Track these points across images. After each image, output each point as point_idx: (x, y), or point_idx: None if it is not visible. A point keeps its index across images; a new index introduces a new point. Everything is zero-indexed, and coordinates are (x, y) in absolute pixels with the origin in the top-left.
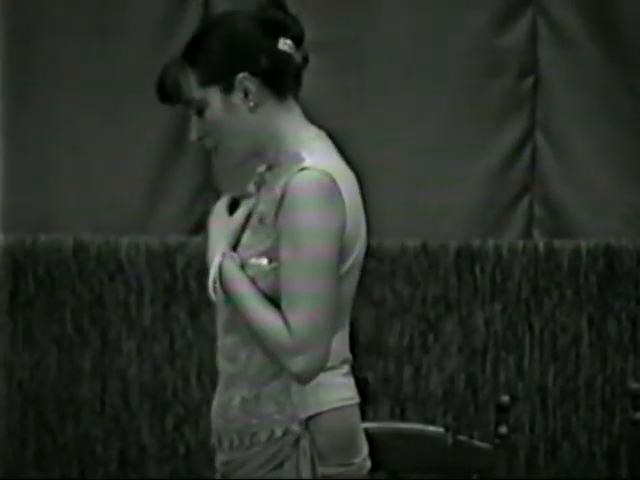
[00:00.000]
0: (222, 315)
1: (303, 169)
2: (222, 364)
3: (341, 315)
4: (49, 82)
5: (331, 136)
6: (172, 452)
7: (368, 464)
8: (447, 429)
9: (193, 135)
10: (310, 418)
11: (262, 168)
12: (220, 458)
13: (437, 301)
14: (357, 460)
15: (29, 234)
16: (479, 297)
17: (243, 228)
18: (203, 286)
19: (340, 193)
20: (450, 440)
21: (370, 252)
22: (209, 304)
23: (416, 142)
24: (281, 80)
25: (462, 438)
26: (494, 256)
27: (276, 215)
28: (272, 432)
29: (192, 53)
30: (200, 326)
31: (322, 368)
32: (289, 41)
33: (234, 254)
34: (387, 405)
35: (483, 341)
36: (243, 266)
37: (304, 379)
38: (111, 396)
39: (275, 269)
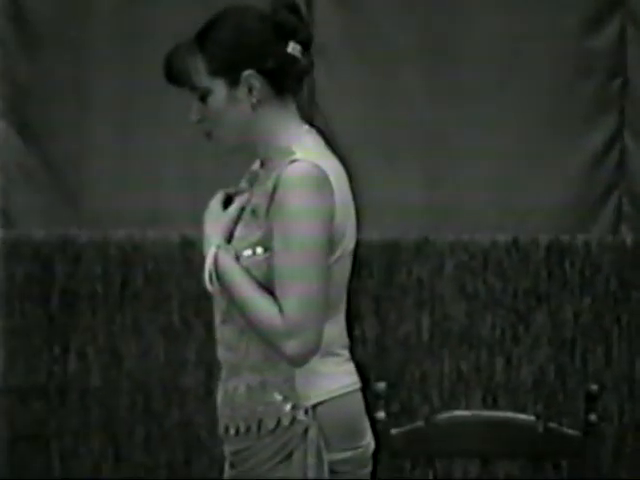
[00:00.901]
0: (219, 306)
1: (293, 161)
2: (223, 354)
3: (334, 301)
4: (160, 84)
5: (322, 133)
6: None
7: (372, 446)
8: (538, 417)
9: (193, 117)
10: (315, 406)
11: (256, 166)
12: (228, 448)
13: (527, 294)
14: (363, 443)
15: (138, 229)
16: (568, 290)
17: (236, 222)
18: None
19: (330, 184)
20: (540, 427)
21: (463, 246)
22: None
23: (510, 141)
24: (285, 81)
25: (552, 426)
26: (583, 251)
27: (268, 207)
28: (279, 421)
29: (204, 41)
30: None
31: (315, 351)
32: (298, 46)
33: (228, 246)
34: (479, 394)
35: (572, 332)
36: (237, 257)
37: (297, 362)
38: (215, 384)
39: (268, 259)
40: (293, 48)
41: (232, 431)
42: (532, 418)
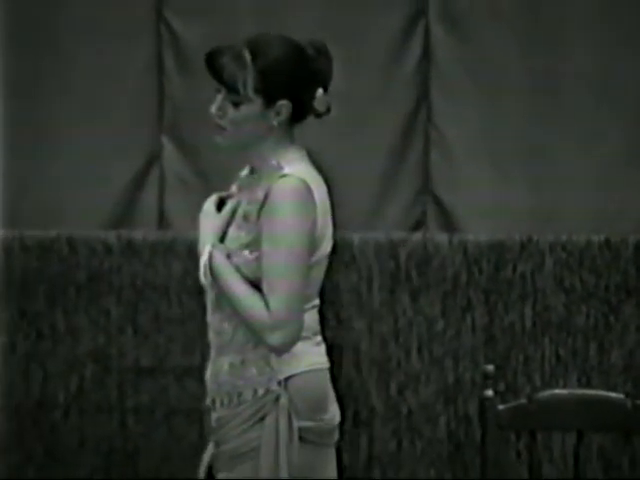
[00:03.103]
0: (210, 296)
1: (283, 176)
2: (212, 337)
3: (311, 296)
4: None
5: (309, 153)
6: (396, 413)
7: (337, 419)
8: (627, 395)
9: (214, 110)
10: (287, 379)
11: (244, 172)
12: (213, 416)
13: (618, 288)
14: (326, 416)
15: None
16: None
17: (228, 224)
18: (423, 274)
19: (313, 196)
20: (629, 405)
21: (561, 246)
22: (428, 289)
23: (602, 154)
24: (302, 117)
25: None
26: None
27: (258, 214)
28: (255, 391)
29: (259, 59)
30: (419, 308)
31: (296, 341)
32: (322, 91)
33: (222, 245)
34: (575, 375)
35: None
36: (229, 256)
37: (280, 351)
38: (346, 366)
39: (257, 259)
40: (320, 94)
41: (218, 403)
42: (622, 396)
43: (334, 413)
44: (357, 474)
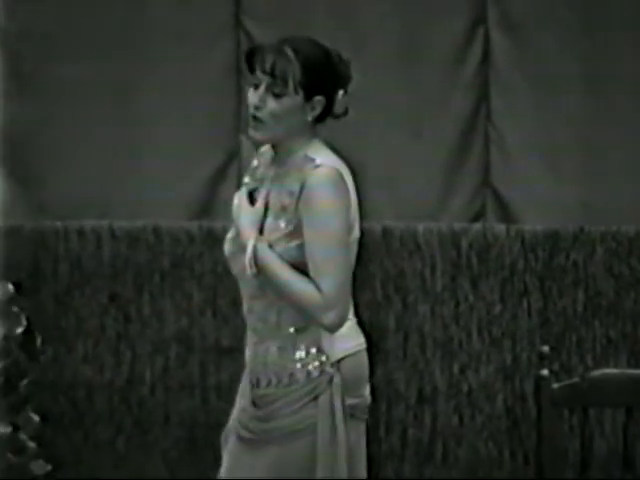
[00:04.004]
0: (249, 285)
1: (317, 167)
2: (254, 324)
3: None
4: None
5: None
6: (457, 390)
7: (370, 399)
8: None
9: (255, 100)
10: (339, 360)
11: (255, 163)
12: (255, 393)
13: None
14: (366, 393)
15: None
16: None
17: (264, 216)
18: (482, 261)
19: (346, 184)
20: None
21: (612, 236)
22: (487, 276)
23: None
24: (329, 114)
25: None
26: None
27: (296, 205)
28: (309, 373)
29: (305, 58)
30: (479, 293)
31: (346, 319)
32: (342, 93)
33: (262, 237)
34: (625, 356)
35: None
36: (270, 246)
37: (334, 329)
38: (411, 347)
39: (297, 247)
40: (341, 94)
41: (264, 383)
42: None
43: (369, 390)
44: (421, 447)
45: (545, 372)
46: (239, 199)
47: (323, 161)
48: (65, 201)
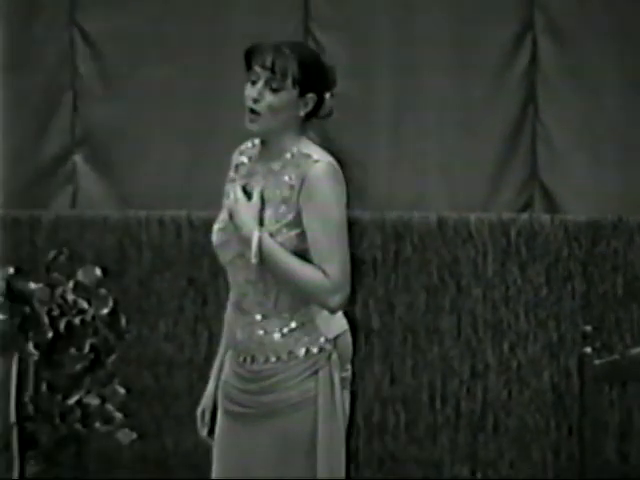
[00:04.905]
0: (246, 273)
1: (316, 162)
2: (250, 307)
3: None
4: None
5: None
6: (507, 367)
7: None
8: None
9: (254, 94)
10: (335, 337)
11: (242, 159)
12: (249, 369)
13: None
14: (350, 367)
15: (405, 211)
16: None
17: (262, 208)
18: (530, 249)
19: (342, 177)
20: None
21: None
22: (534, 262)
23: None
24: (318, 112)
25: None
26: None
27: (298, 196)
28: (308, 350)
29: (302, 58)
30: (527, 277)
31: (348, 300)
32: (329, 95)
33: (263, 228)
34: None
35: None
36: (271, 236)
37: (338, 310)
38: (464, 327)
39: (298, 235)
40: (330, 95)
41: (261, 359)
42: None
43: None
44: (474, 418)
45: (588, 350)
46: (233, 194)
47: (319, 157)
48: (147, 193)
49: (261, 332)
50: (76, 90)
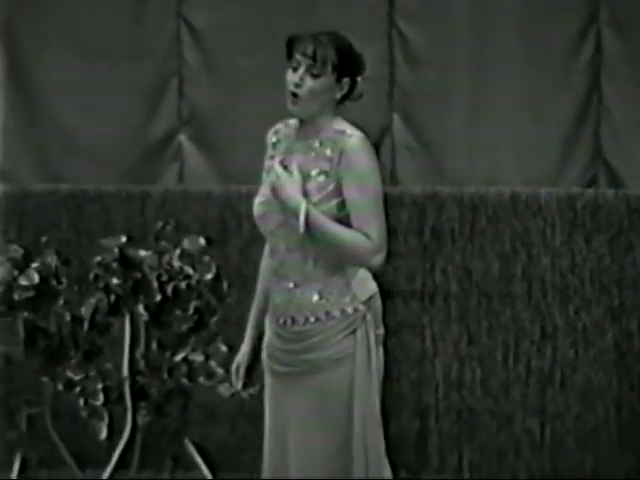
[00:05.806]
0: (286, 242)
1: (351, 136)
2: (289, 273)
3: None
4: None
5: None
6: (573, 328)
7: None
8: None
9: (296, 79)
10: (368, 299)
11: (273, 139)
12: (290, 330)
13: None
14: (382, 326)
15: (483, 186)
16: None
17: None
18: (594, 221)
19: (373, 149)
20: None
21: None
22: (599, 233)
23: None
24: (350, 95)
25: None
26: None
27: (337, 168)
28: (343, 310)
29: (340, 47)
30: (591, 247)
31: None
32: (360, 79)
33: (308, 200)
34: None
35: None
36: (314, 205)
37: (378, 268)
38: (534, 292)
39: (337, 204)
40: (362, 78)
41: (301, 321)
42: None
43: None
44: (543, 375)
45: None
46: (275, 170)
47: (352, 132)
48: (246, 169)
49: (299, 295)
50: (182, 76)
